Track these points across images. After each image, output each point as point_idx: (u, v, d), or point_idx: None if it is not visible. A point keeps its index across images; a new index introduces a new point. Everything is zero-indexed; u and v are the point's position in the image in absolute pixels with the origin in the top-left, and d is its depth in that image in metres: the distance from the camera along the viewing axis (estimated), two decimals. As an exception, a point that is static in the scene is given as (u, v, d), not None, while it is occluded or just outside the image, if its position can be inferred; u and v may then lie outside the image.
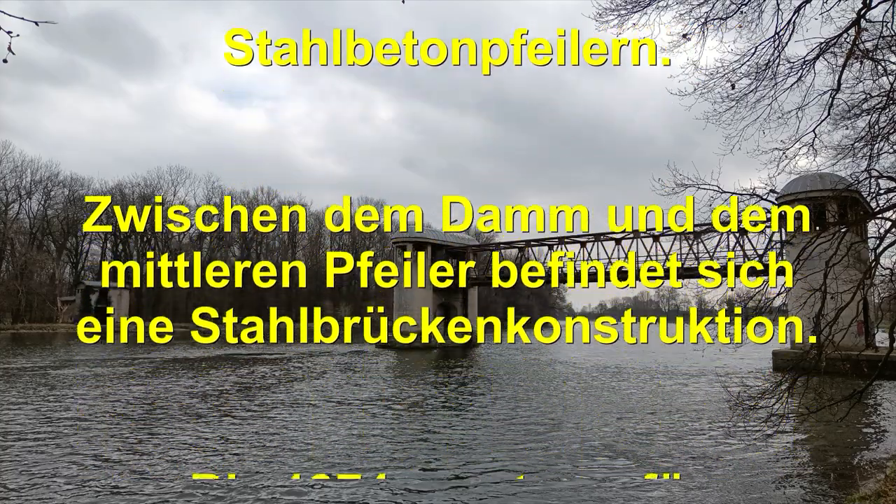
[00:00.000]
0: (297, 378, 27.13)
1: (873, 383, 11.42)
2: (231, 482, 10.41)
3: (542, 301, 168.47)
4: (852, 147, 10.93)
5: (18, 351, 41.83)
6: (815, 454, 13.19)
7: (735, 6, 8.92)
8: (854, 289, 9.46)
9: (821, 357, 9.61)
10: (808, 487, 10.50)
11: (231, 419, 16.41)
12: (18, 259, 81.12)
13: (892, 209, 10.07)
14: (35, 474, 10.80)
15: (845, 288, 9.62)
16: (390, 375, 29.31)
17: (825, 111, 9.58)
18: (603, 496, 9.95)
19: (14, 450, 12.65)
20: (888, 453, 12.70)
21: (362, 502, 9.62)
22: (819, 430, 14.77)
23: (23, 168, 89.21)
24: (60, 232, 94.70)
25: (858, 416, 16.56)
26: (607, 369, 33.10)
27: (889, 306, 13.17)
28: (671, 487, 10.35)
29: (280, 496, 9.75)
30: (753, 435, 14.19)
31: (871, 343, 21.47)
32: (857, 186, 10.46)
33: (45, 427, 15.11)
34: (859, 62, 9.51)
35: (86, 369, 29.70)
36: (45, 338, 60.84)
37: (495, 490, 10.22)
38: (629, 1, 9.13)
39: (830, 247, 9.52)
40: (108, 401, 19.56)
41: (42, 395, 20.71)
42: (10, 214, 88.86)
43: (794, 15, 8.90)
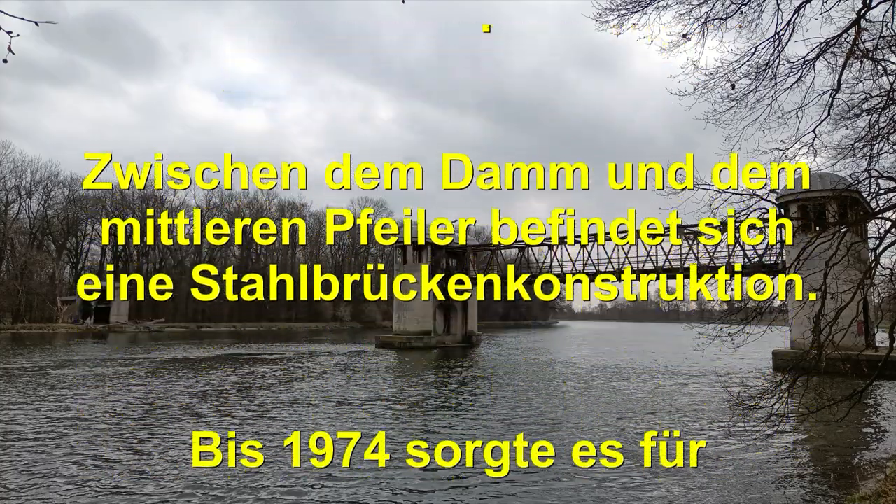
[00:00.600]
0: (297, 378, 27.12)
1: (873, 383, 11.42)
2: (231, 482, 10.41)
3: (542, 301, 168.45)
4: (852, 147, 10.94)
5: (18, 351, 41.82)
6: (815, 454, 13.19)
7: (735, 6, 8.93)
8: (854, 289, 9.46)
9: (821, 357, 9.61)
10: (808, 487, 10.50)
11: (231, 419, 16.40)
12: (18, 259, 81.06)
13: (892, 209, 10.07)
14: (35, 474, 10.79)
15: (845, 288, 9.62)
16: (390, 375, 29.31)
17: (825, 111, 9.59)
18: (603, 496, 9.95)
19: (14, 450, 12.64)
20: (888, 453, 12.71)
21: (362, 502, 9.62)
22: (819, 430, 14.77)
23: (23, 168, 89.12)
24: (60, 232, 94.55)
25: (858, 416, 16.56)
26: (607, 369, 33.10)
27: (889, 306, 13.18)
28: (671, 487, 10.35)
29: (280, 496, 9.75)
30: (753, 435, 14.19)
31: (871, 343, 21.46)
32: (857, 186, 10.47)
33: (45, 427, 15.11)
34: (859, 62, 9.52)
35: (86, 369, 29.69)
36: (45, 338, 60.83)
37: (495, 490, 10.22)
38: (629, 1, 9.14)
39: (830, 247, 9.52)
40: (108, 401, 19.55)
41: (42, 395, 20.71)
42: (10, 214, 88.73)
43: (794, 15, 8.90)
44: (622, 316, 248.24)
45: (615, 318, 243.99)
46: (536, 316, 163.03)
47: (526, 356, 44.26)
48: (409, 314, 52.44)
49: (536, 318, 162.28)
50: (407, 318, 52.51)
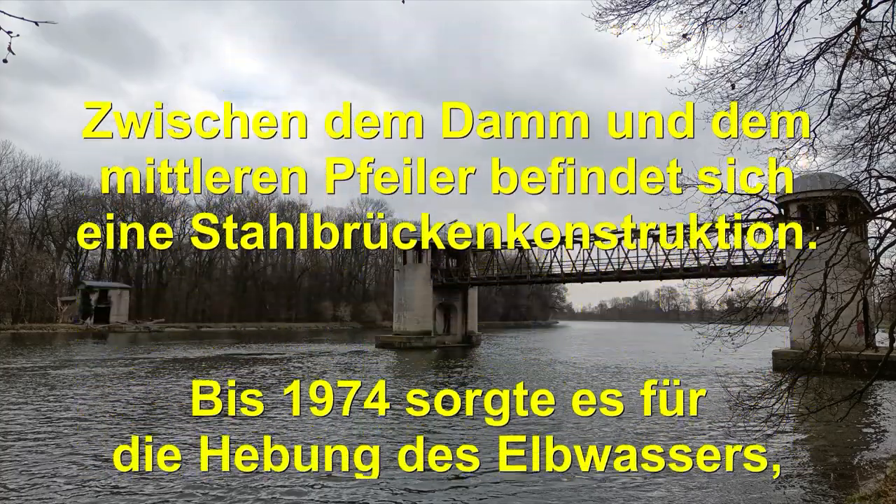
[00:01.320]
0: (297, 378, 27.11)
1: (873, 383, 11.42)
2: (231, 482, 10.41)
3: (542, 301, 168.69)
4: (852, 147, 10.93)
5: (18, 351, 41.82)
6: (815, 454, 13.19)
7: (735, 6, 8.93)
8: (854, 289, 9.46)
9: (821, 357, 9.61)
10: (808, 487, 10.50)
11: (231, 419, 16.39)
12: (18, 259, 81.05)
13: (892, 209, 10.06)
14: (35, 474, 10.79)
15: (845, 288, 9.62)
16: (390, 375, 29.30)
17: (825, 111, 9.58)
18: (603, 496, 9.95)
19: (14, 450, 12.64)
20: (888, 453, 12.71)
21: (362, 502, 9.62)
22: (819, 430, 14.77)
23: (23, 168, 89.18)
24: (60, 232, 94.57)
25: (858, 416, 16.56)
26: (607, 369, 33.10)
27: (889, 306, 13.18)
28: (671, 487, 10.35)
29: (280, 496, 9.75)
30: (753, 435, 14.19)
31: (871, 343, 21.48)
32: (857, 186, 10.46)
33: (45, 427, 15.10)
34: (859, 62, 9.52)
35: (86, 369, 29.68)
36: (45, 338, 60.83)
37: (495, 490, 10.22)
38: (629, 1, 9.14)
39: (830, 247, 9.51)
40: (108, 401, 19.55)
41: (42, 395, 20.71)
42: (10, 214, 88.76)
43: (794, 15, 8.90)
44: (622, 316, 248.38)
45: (615, 318, 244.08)
46: (536, 316, 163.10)
47: (526, 356, 44.26)
48: (409, 314, 52.44)
49: (536, 318, 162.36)
50: (407, 318, 52.50)
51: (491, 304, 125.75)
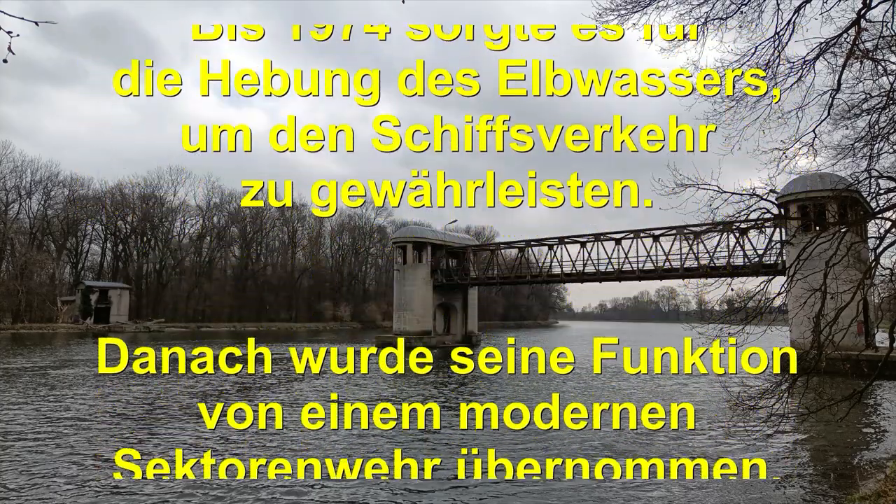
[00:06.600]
0: (297, 378, 27.11)
1: (873, 383, 11.42)
2: (231, 482, 10.41)
3: (542, 301, 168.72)
4: (852, 147, 10.92)
5: (18, 351, 41.80)
6: (815, 454, 13.19)
7: (735, 6, 8.93)
8: (854, 289, 9.46)
9: (821, 357, 9.61)
10: (808, 487, 10.50)
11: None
12: (18, 259, 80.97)
13: (892, 209, 10.06)
14: (35, 474, 10.79)
15: (845, 288, 9.61)
16: (390, 375, 29.30)
17: (825, 111, 9.58)
18: (603, 496, 9.95)
19: (14, 450, 12.64)
20: (888, 453, 12.71)
21: (362, 502, 9.62)
22: (819, 430, 14.77)
23: (23, 168, 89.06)
24: (60, 232, 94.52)
25: (858, 416, 16.56)
26: (607, 369, 33.08)
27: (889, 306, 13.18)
28: (671, 487, 10.36)
29: (280, 496, 9.75)
30: (753, 435, 14.19)
31: (871, 343, 21.48)
32: (857, 186, 10.45)
33: (45, 427, 15.10)
34: (859, 62, 9.51)
35: (86, 369, 29.66)
36: (45, 338, 60.79)
37: (495, 490, 10.22)
38: (629, 1, 9.14)
39: (830, 247, 9.51)
40: (108, 401, 19.54)
41: (42, 395, 20.70)
42: (10, 214, 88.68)
43: (794, 15, 8.90)
44: (622, 316, 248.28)
45: (615, 318, 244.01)
46: (536, 316, 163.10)
47: (526, 356, 44.21)
48: (409, 314, 52.42)
49: (536, 318, 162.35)
50: (407, 318, 52.47)
51: (491, 304, 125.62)
